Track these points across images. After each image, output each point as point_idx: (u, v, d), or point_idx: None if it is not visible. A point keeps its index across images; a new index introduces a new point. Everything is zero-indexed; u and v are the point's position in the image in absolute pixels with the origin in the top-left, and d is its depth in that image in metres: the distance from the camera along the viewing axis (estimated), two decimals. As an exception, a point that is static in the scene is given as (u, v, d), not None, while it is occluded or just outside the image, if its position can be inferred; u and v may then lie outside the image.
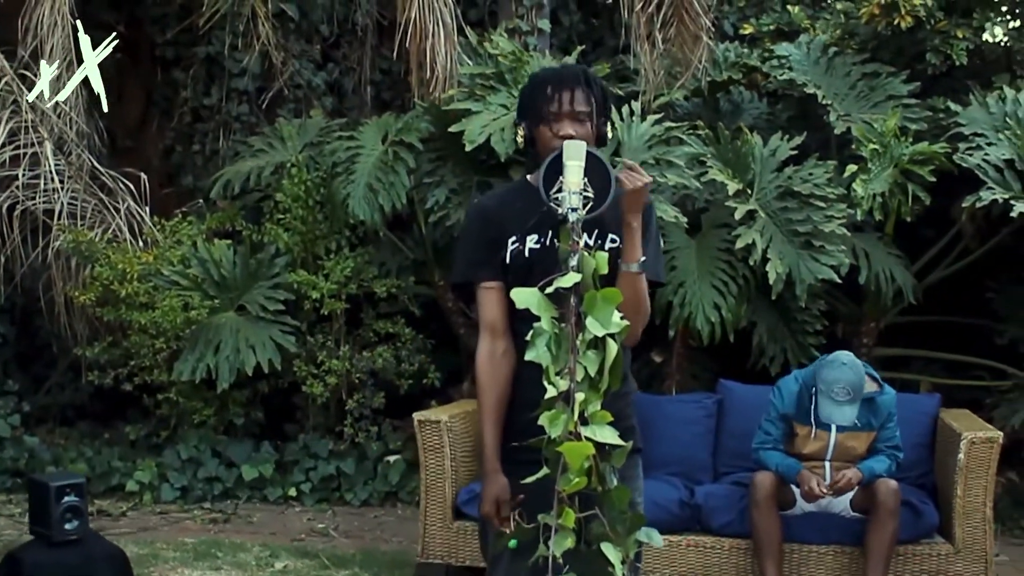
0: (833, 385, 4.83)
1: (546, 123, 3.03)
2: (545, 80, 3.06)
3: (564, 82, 3.03)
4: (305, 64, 8.34)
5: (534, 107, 3.05)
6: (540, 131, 3.05)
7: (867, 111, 6.73)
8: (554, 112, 3.02)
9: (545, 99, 3.02)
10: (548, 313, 2.82)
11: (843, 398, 4.82)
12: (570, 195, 2.88)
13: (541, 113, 3.03)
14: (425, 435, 5.32)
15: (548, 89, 3.02)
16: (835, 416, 4.84)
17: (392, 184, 6.63)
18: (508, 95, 6.54)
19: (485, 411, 3.11)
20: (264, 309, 7.00)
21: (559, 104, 3.01)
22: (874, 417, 5.02)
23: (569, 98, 3.02)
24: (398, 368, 7.17)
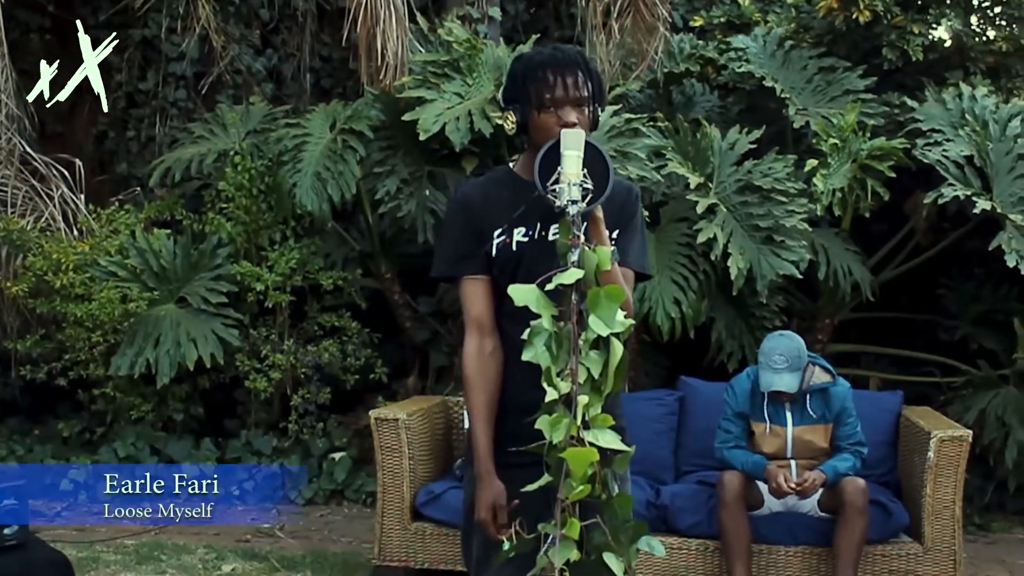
0: (772, 353, 4.85)
1: (545, 109, 2.86)
2: (543, 63, 2.88)
3: (564, 66, 2.86)
4: (245, 49, 8.09)
5: (529, 92, 2.88)
6: (538, 118, 2.87)
7: (824, 105, 6.67)
8: (556, 98, 2.85)
9: (544, 84, 2.85)
10: (548, 311, 2.67)
11: (781, 365, 4.82)
12: (570, 186, 2.73)
13: (539, 99, 2.86)
14: (382, 434, 5.14)
15: (548, 73, 2.85)
16: (774, 382, 4.81)
17: (341, 173, 6.44)
18: (462, 83, 6.38)
19: (475, 412, 2.94)
20: (206, 301, 6.76)
21: (563, 89, 2.85)
22: (828, 409, 4.96)
23: (572, 82, 2.85)
24: (344, 363, 6.98)
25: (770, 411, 4.95)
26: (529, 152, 2.96)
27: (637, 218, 3.05)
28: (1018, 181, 6.13)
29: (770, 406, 4.95)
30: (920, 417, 5.32)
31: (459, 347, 7.28)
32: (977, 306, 7.22)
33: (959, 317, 7.22)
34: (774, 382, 4.82)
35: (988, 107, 6.44)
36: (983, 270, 7.35)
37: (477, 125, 6.11)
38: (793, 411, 4.95)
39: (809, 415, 4.94)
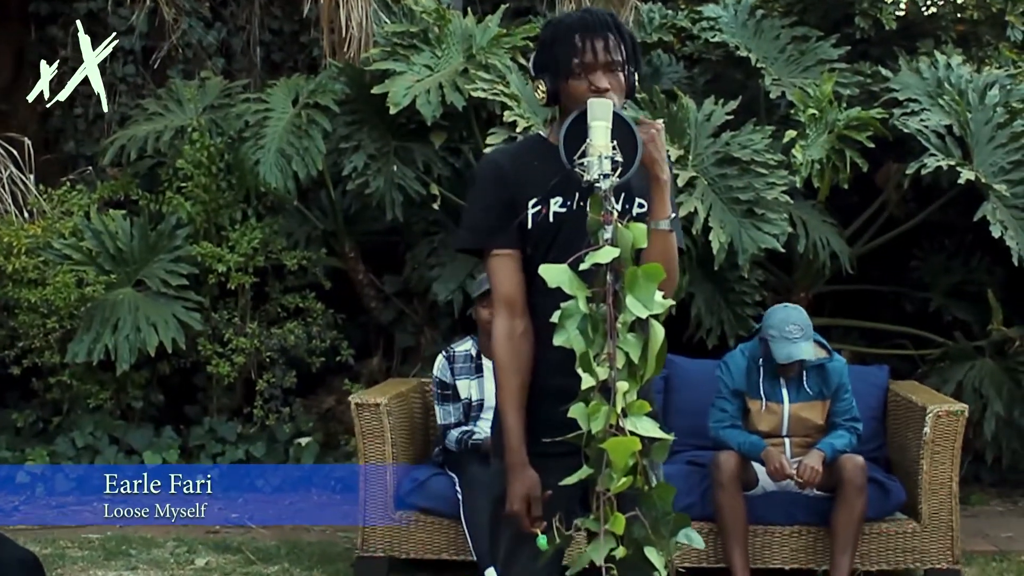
0: (784, 324, 4.72)
1: (576, 76, 2.69)
2: (571, 28, 2.70)
3: (594, 29, 2.69)
4: (195, 22, 7.81)
5: (559, 59, 2.70)
6: (569, 86, 2.70)
7: (797, 75, 6.55)
8: (587, 63, 2.68)
9: (574, 49, 2.68)
10: (581, 292, 2.51)
11: (797, 335, 4.70)
12: (600, 159, 2.56)
13: (569, 65, 2.69)
14: (363, 420, 4.94)
15: (576, 38, 2.68)
16: (794, 352, 4.69)
17: (306, 149, 6.22)
18: (432, 55, 6.20)
19: (507, 397, 2.76)
20: (166, 284, 6.52)
21: (593, 54, 2.67)
22: (825, 386, 4.86)
23: (603, 46, 2.68)
24: (309, 345, 6.76)
25: (766, 388, 4.83)
26: (562, 119, 2.79)
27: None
28: (998, 151, 6.05)
29: (766, 383, 4.83)
30: (910, 392, 5.24)
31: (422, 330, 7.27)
32: (949, 278, 7.17)
33: (931, 289, 7.16)
34: (793, 352, 4.69)
35: (964, 76, 6.35)
36: (954, 241, 7.31)
37: (449, 98, 5.92)
38: (790, 388, 4.84)
39: (806, 391, 4.83)
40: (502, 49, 6.11)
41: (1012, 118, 6.09)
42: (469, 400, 4.98)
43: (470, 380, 4.99)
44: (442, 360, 5.04)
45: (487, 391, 4.96)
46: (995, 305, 6.67)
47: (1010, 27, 6.87)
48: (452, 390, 5.00)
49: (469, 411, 5.00)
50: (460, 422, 5.03)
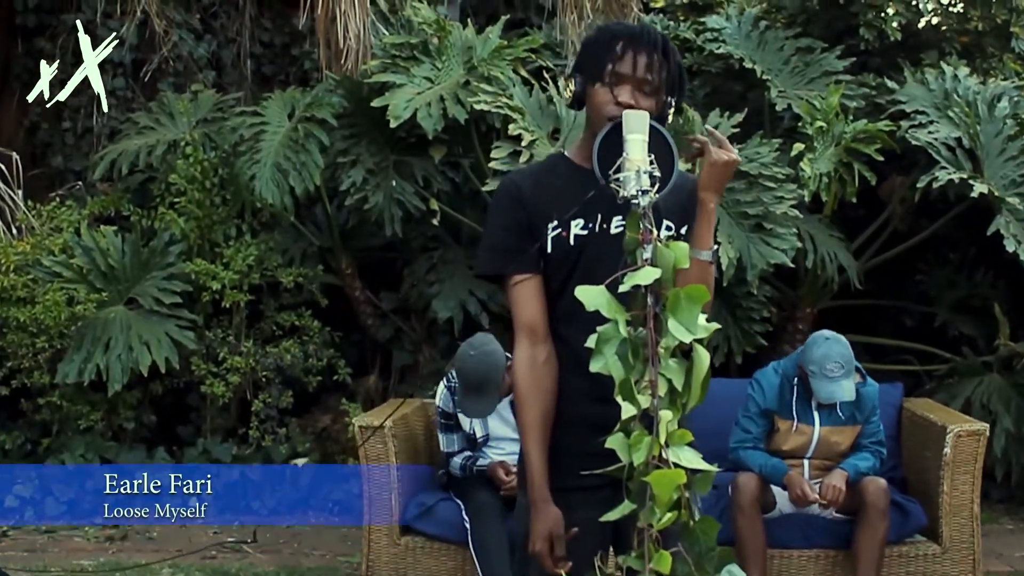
0: (825, 362, 4.52)
1: (604, 83, 2.56)
2: (617, 35, 2.58)
3: (639, 42, 2.56)
4: (186, 34, 7.67)
5: (596, 61, 2.58)
6: (595, 91, 2.58)
7: (802, 87, 6.45)
8: (619, 73, 2.55)
9: (612, 56, 2.55)
10: (621, 315, 2.37)
11: (838, 373, 4.51)
12: (638, 174, 2.43)
13: (601, 69, 2.56)
14: (368, 443, 4.79)
15: (619, 45, 2.55)
16: (836, 393, 4.52)
17: (304, 164, 6.08)
18: (432, 67, 6.06)
19: (529, 429, 2.63)
20: (158, 302, 6.36)
21: (630, 65, 2.55)
22: (859, 411, 4.71)
23: (645, 63, 2.55)
24: (305, 364, 6.61)
25: (799, 409, 4.68)
26: (587, 133, 2.66)
27: None
28: (1008, 163, 5.96)
29: (799, 404, 4.68)
30: (927, 410, 5.13)
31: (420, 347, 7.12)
32: (954, 292, 7.08)
33: (936, 303, 7.07)
34: (835, 392, 4.52)
35: (971, 88, 6.26)
36: (958, 255, 7.22)
37: (450, 111, 5.78)
38: (822, 410, 4.69)
39: (838, 415, 4.68)
40: (504, 61, 5.99)
41: (1022, 130, 6.00)
42: (473, 435, 4.84)
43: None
44: (444, 390, 4.89)
45: (491, 427, 4.82)
46: (1002, 320, 6.57)
47: (1015, 38, 6.78)
48: (455, 420, 4.85)
49: (473, 444, 4.85)
50: (464, 449, 4.89)
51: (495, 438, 4.82)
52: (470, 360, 4.66)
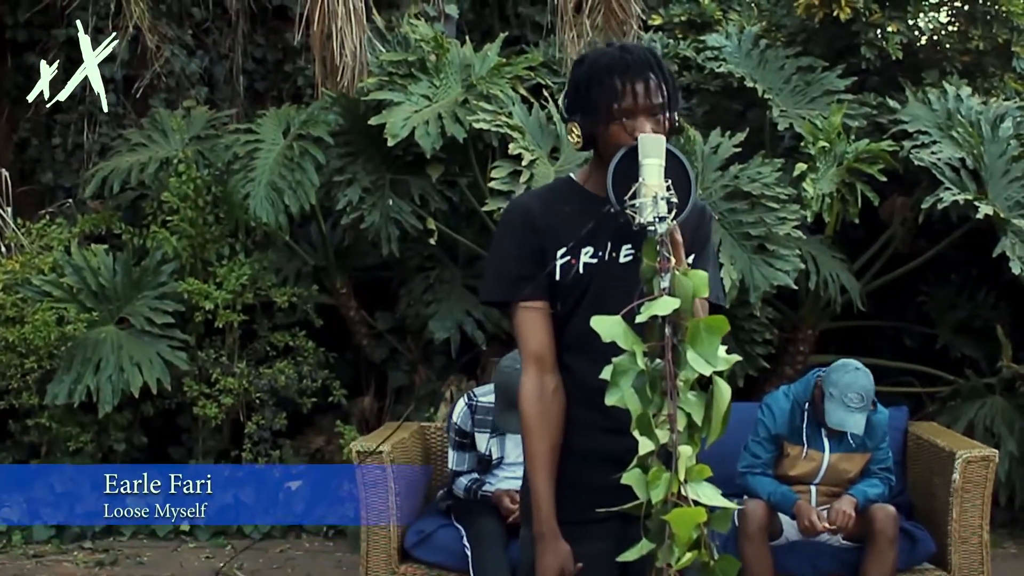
0: (847, 390, 4.45)
1: (616, 121, 2.48)
2: (609, 69, 2.49)
3: (634, 71, 2.48)
4: (178, 50, 7.58)
5: (596, 102, 2.49)
6: (608, 131, 2.50)
7: (803, 106, 6.37)
8: (626, 108, 2.47)
9: (612, 92, 2.47)
10: (638, 347, 2.29)
11: (856, 404, 4.43)
12: (656, 201, 2.35)
13: (607, 109, 2.48)
14: (366, 469, 4.69)
15: (616, 81, 2.47)
16: (847, 423, 4.43)
17: (299, 183, 5.99)
18: (430, 85, 5.98)
19: (537, 460, 2.55)
20: (150, 322, 6.25)
21: (632, 98, 2.47)
22: (869, 438, 4.63)
23: (644, 89, 2.48)
24: (300, 385, 6.50)
25: (809, 434, 4.60)
26: (597, 161, 2.59)
27: (711, 243, 2.69)
28: (1013, 184, 5.89)
29: (810, 429, 4.60)
30: (933, 434, 5.04)
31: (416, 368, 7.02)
32: (955, 313, 7.00)
33: (937, 325, 6.99)
34: (846, 422, 4.44)
35: (974, 108, 6.19)
36: (959, 276, 7.15)
37: (449, 129, 5.70)
38: (832, 438, 4.60)
39: (848, 443, 4.60)
40: (503, 79, 5.91)
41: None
42: (488, 456, 4.73)
43: (490, 436, 4.74)
44: (464, 407, 4.78)
45: (508, 450, 4.72)
46: (1005, 341, 6.49)
47: (1016, 58, 6.71)
48: (470, 439, 4.75)
49: (486, 465, 4.75)
50: (472, 469, 4.79)
51: (508, 463, 4.73)
52: (514, 375, 4.56)
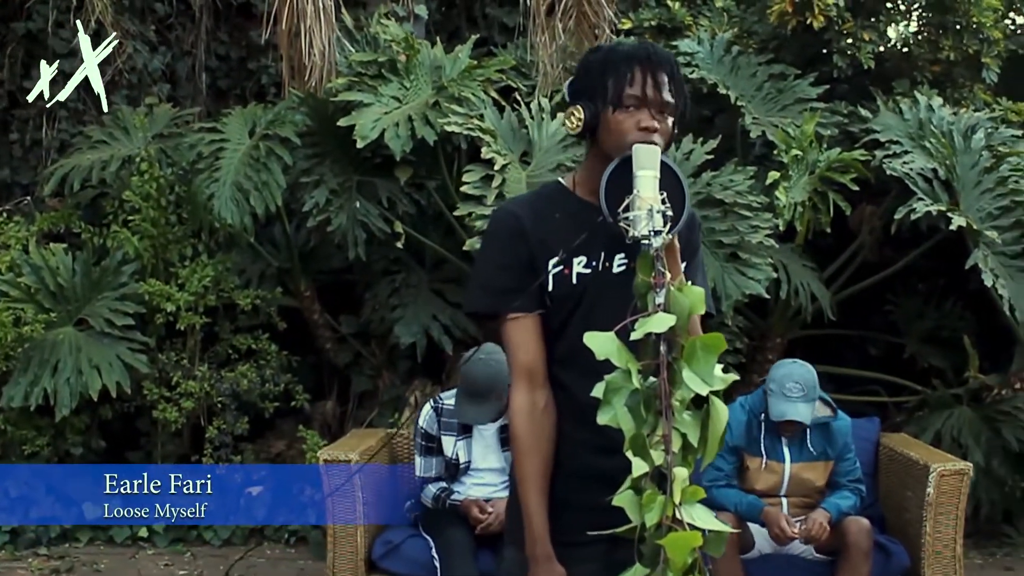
0: (785, 380, 4.46)
1: (624, 109, 2.39)
2: (629, 56, 2.41)
3: (655, 63, 2.40)
4: (140, 46, 7.44)
5: (607, 85, 2.40)
6: (613, 117, 2.40)
7: (775, 114, 6.33)
8: (638, 97, 2.38)
9: (631, 80, 2.38)
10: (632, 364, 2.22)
11: (796, 394, 4.43)
12: (651, 213, 2.28)
13: (619, 95, 2.38)
14: (333, 477, 4.59)
15: (635, 68, 2.38)
16: (788, 412, 4.42)
17: (265, 183, 5.87)
18: (400, 86, 5.89)
19: (528, 481, 2.46)
20: (110, 324, 6.11)
21: (654, 90, 2.39)
22: (830, 445, 4.61)
23: (660, 84, 2.40)
24: (262, 389, 6.38)
25: (767, 445, 4.57)
26: (592, 162, 2.49)
27: (700, 251, 2.62)
28: (985, 196, 5.87)
29: (767, 440, 4.56)
30: (906, 447, 5.02)
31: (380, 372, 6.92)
32: (922, 323, 7.00)
33: (905, 335, 6.98)
34: (787, 411, 4.42)
35: (945, 118, 6.18)
36: (926, 286, 7.15)
37: (419, 132, 5.61)
38: (792, 446, 4.57)
39: (809, 451, 4.58)
40: (475, 81, 5.82)
41: (998, 162, 5.92)
42: (455, 460, 4.65)
43: (456, 439, 4.66)
44: (430, 411, 4.71)
45: (475, 454, 4.65)
46: (972, 352, 6.50)
47: (986, 69, 6.71)
48: (437, 443, 4.67)
49: (454, 470, 4.67)
50: (440, 477, 4.71)
51: (476, 469, 4.65)
52: (479, 363, 4.50)
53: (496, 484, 4.71)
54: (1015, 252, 5.71)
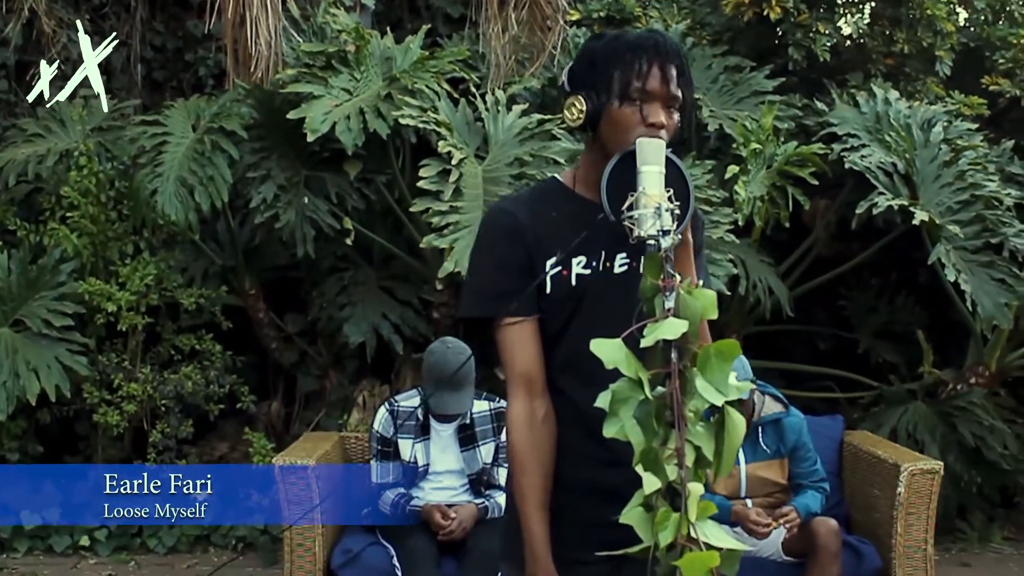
0: None
1: (630, 101, 2.23)
2: (638, 46, 2.24)
3: (664, 55, 2.24)
4: (75, 35, 7.16)
5: (611, 76, 2.24)
6: (618, 111, 2.24)
7: (731, 107, 6.25)
8: (647, 90, 2.23)
9: (638, 71, 2.22)
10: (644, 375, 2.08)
11: None
12: (659, 212, 2.14)
13: (625, 86, 2.23)
14: (289, 485, 4.41)
15: (643, 59, 2.22)
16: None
17: (211, 178, 5.66)
18: (350, 77, 5.70)
19: (528, 496, 2.31)
20: (48, 325, 5.86)
21: (662, 82, 2.23)
22: (782, 443, 4.53)
23: (670, 77, 2.24)
24: (207, 390, 6.17)
25: None
26: (592, 157, 2.35)
27: (703, 251, 2.49)
28: (944, 190, 5.83)
29: None
30: (871, 445, 4.95)
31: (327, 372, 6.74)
32: (875, 318, 6.97)
33: (858, 329, 6.94)
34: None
35: (903, 111, 6.13)
36: (879, 280, 7.11)
37: (371, 125, 5.43)
38: (745, 446, 4.46)
39: (763, 450, 4.49)
40: (428, 73, 5.65)
41: (956, 156, 5.88)
42: (413, 463, 4.50)
43: (414, 442, 4.51)
44: (385, 413, 4.56)
45: (434, 456, 4.50)
46: (926, 347, 6.47)
47: (939, 61, 6.68)
48: (394, 447, 4.52)
49: (412, 474, 4.52)
50: (398, 482, 4.55)
51: (435, 472, 4.50)
52: (448, 353, 4.38)
53: (456, 487, 4.57)
54: (976, 247, 5.66)
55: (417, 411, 4.54)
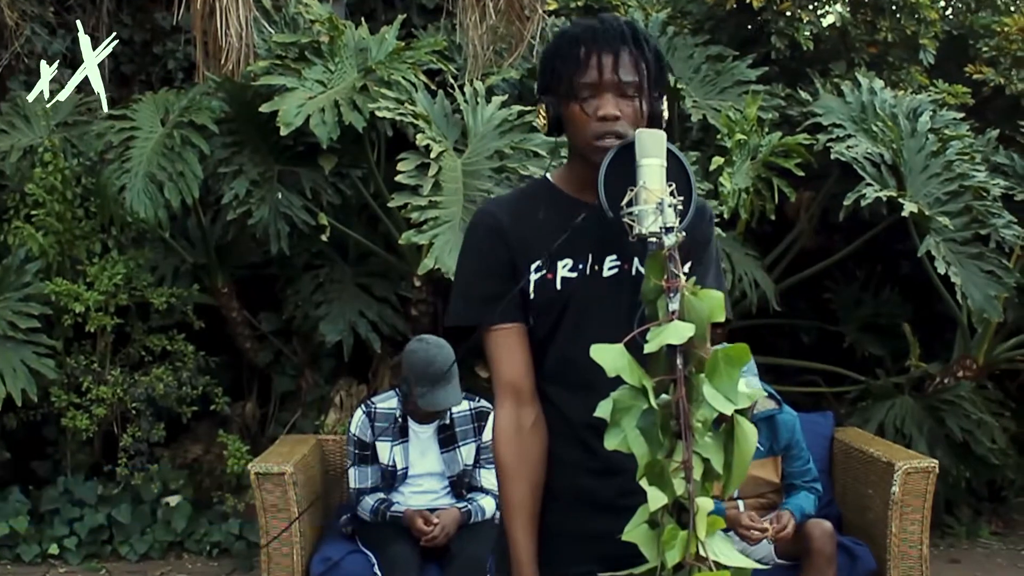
0: None
1: (577, 99, 2.12)
2: (577, 39, 2.13)
3: (604, 41, 2.11)
4: (39, 28, 6.98)
5: (561, 76, 2.14)
6: (570, 110, 2.13)
7: (714, 97, 6.12)
8: (589, 83, 2.11)
9: (577, 65, 2.11)
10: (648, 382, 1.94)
11: None
12: (662, 208, 2.00)
13: (570, 84, 2.12)
14: (266, 492, 4.26)
15: (581, 51, 2.11)
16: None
17: (181, 174, 5.47)
18: (324, 69, 5.53)
19: (515, 507, 2.19)
20: (13, 327, 5.66)
21: (598, 72, 2.11)
22: (775, 440, 4.42)
23: (612, 63, 2.11)
24: (179, 392, 5.99)
25: None
26: (572, 159, 2.23)
27: (712, 246, 2.35)
28: (932, 181, 5.71)
29: None
30: (864, 443, 4.84)
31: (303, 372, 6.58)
32: (860, 311, 6.86)
33: (844, 323, 6.84)
34: None
35: (888, 101, 6.02)
36: (864, 273, 7.01)
37: (347, 118, 5.26)
38: None
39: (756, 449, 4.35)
40: (404, 64, 5.49)
41: (944, 146, 5.77)
42: (392, 467, 4.36)
43: (392, 444, 4.37)
44: (362, 416, 4.41)
45: (413, 459, 4.35)
46: (912, 340, 6.38)
47: (923, 50, 6.57)
48: (371, 450, 4.37)
49: (391, 478, 4.37)
50: (377, 487, 4.41)
51: (414, 475, 4.36)
52: (432, 349, 4.24)
53: (437, 490, 4.44)
54: (964, 238, 5.55)
55: (395, 412, 4.40)
